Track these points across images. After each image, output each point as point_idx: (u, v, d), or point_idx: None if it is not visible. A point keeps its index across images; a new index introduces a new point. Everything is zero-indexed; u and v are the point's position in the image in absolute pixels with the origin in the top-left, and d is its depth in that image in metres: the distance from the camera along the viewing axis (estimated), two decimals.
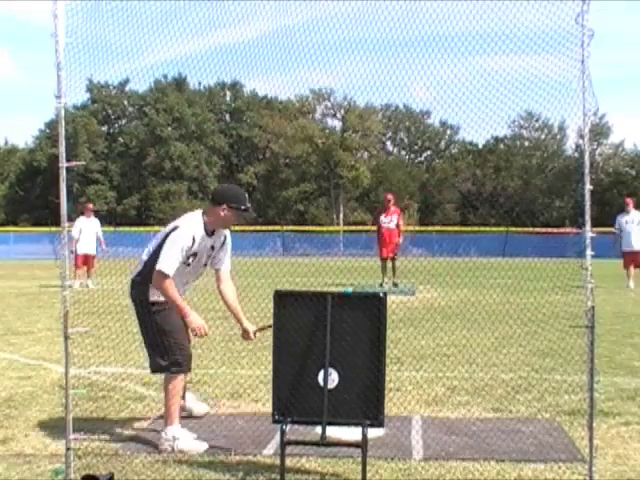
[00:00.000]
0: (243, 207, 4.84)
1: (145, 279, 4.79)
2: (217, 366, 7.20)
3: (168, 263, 4.66)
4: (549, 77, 3.86)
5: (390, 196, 17.08)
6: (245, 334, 5.13)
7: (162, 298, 4.76)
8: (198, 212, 4.94)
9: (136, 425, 5.18)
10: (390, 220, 16.30)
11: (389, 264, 16.09)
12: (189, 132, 56.61)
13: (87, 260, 17.07)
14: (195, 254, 4.81)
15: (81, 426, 4.89)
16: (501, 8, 3.74)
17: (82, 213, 17.65)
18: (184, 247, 4.71)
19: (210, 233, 4.88)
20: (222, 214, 4.80)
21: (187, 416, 5.24)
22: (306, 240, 38.51)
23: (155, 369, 4.88)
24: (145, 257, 4.88)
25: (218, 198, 4.86)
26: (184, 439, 4.67)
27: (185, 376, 5.00)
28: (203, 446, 4.64)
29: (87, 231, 17.13)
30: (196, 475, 4.16)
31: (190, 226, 4.80)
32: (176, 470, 4.23)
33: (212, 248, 4.94)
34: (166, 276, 4.65)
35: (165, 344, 4.74)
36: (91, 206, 18.62)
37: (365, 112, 53.98)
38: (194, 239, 4.75)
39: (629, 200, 17.42)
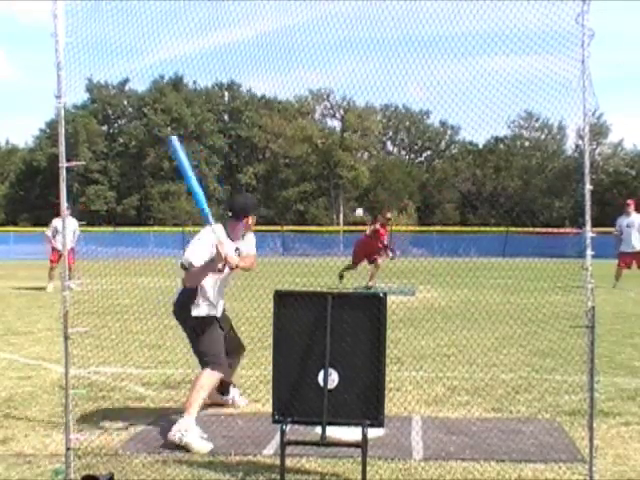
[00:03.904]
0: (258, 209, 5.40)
1: (187, 298, 5.06)
2: None
3: (194, 256, 4.85)
4: (549, 77, 3.86)
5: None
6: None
7: (202, 313, 5.04)
8: (218, 225, 5.06)
9: (136, 425, 5.18)
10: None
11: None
12: (188, 132, 56.59)
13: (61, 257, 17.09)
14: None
15: (81, 426, 4.90)
16: (501, 8, 3.74)
17: (57, 215, 17.56)
18: (212, 243, 4.83)
19: (233, 240, 5.15)
20: (249, 223, 5.18)
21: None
22: (306, 240, 38.47)
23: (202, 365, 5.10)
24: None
25: (242, 212, 5.15)
26: (193, 434, 4.69)
27: (227, 382, 5.43)
28: (208, 447, 4.65)
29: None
30: (196, 475, 4.15)
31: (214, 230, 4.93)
32: (176, 470, 4.23)
33: (236, 249, 5.14)
34: (190, 267, 4.83)
35: (209, 348, 5.03)
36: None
37: (364, 112, 53.99)
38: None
39: (630, 202, 17.13)
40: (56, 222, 17.09)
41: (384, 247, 15.91)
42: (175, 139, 4.66)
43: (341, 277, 15.79)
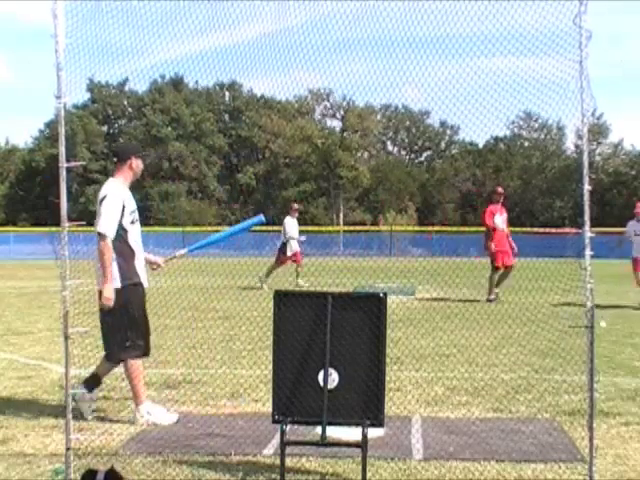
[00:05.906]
0: (144, 152, 5.69)
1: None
2: (217, 366, 7.19)
3: (107, 224, 5.10)
4: (547, 78, 3.87)
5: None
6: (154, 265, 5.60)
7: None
8: (110, 180, 5.35)
9: (136, 425, 5.18)
10: (503, 221, 13.88)
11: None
12: (188, 132, 56.54)
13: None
14: (134, 210, 5.29)
15: (81, 426, 4.91)
16: (499, 10, 3.75)
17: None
18: (122, 207, 5.15)
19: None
20: (134, 166, 5.33)
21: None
22: (306, 240, 38.42)
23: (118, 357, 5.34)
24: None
25: (124, 154, 5.38)
26: (156, 413, 5.14)
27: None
28: (173, 418, 5.14)
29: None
30: (196, 475, 4.16)
31: (116, 189, 5.23)
32: (176, 470, 4.24)
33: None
34: (106, 237, 5.07)
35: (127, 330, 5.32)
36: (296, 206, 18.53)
37: (364, 112, 53.98)
38: (124, 199, 5.22)
39: None
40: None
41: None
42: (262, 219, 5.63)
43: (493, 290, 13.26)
